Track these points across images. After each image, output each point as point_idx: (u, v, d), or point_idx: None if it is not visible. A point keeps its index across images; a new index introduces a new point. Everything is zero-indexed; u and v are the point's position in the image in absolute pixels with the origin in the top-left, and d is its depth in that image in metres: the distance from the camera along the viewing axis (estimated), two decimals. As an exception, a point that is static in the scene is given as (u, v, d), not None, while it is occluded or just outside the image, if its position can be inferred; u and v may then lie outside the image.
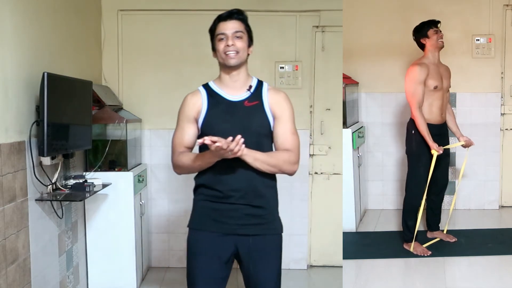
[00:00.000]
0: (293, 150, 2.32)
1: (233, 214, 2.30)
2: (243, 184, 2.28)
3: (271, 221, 2.37)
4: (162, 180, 4.47)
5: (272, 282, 2.37)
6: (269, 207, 2.37)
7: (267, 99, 2.34)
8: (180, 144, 2.35)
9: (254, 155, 2.22)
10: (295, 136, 2.35)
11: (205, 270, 2.33)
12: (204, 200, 2.35)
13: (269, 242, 2.36)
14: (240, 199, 2.28)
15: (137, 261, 3.94)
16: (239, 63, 2.30)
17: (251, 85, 2.35)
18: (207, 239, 2.33)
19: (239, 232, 2.31)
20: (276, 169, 2.30)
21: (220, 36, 2.31)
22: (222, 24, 2.33)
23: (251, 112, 2.30)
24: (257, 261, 2.33)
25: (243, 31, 2.33)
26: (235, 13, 2.33)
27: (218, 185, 2.29)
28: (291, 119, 2.35)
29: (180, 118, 2.38)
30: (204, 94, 2.36)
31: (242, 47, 2.30)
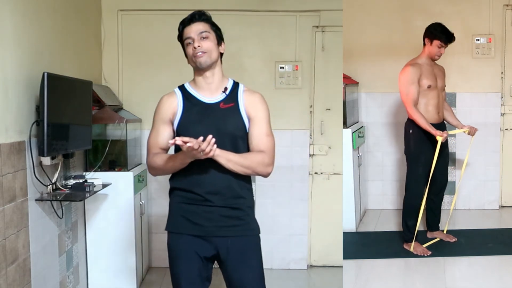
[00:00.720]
0: (267, 152, 2.30)
1: (210, 216, 2.29)
2: (220, 186, 2.27)
3: (248, 222, 2.36)
4: (162, 180, 4.46)
5: (255, 282, 2.36)
6: (246, 208, 2.35)
7: (242, 101, 2.33)
8: (154, 145, 2.35)
9: (227, 156, 2.21)
10: (269, 137, 2.33)
11: (188, 271, 2.33)
12: (180, 203, 2.34)
13: (248, 243, 2.35)
14: (218, 201, 2.28)
15: (137, 261, 3.94)
16: (210, 62, 2.30)
17: (227, 87, 2.34)
18: (186, 242, 2.32)
19: (217, 234, 2.30)
20: (249, 171, 2.29)
21: (187, 41, 2.32)
22: (186, 29, 2.33)
23: (227, 114, 2.29)
24: (237, 263, 2.32)
25: (209, 30, 2.32)
26: (196, 15, 2.33)
27: (195, 188, 2.28)
28: (265, 121, 2.34)
29: (156, 119, 2.38)
30: (179, 96, 2.36)
31: (209, 47, 2.29)
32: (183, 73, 4.39)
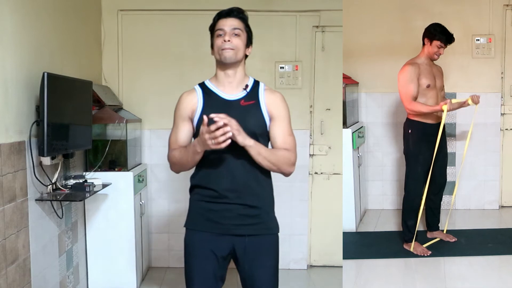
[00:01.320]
0: (293, 151, 2.32)
1: (228, 214, 2.29)
2: (239, 184, 2.27)
3: (267, 221, 2.37)
4: (162, 180, 4.47)
5: (269, 283, 2.36)
6: (264, 206, 2.36)
7: (263, 99, 2.32)
8: (174, 142, 2.36)
9: (259, 149, 2.21)
10: (292, 137, 2.35)
11: (202, 270, 2.33)
12: (199, 200, 2.35)
13: (265, 242, 2.36)
14: (236, 199, 2.28)
15: (137, 261, 3.94)
16: (235, 60, 2.29)
17: (247, 84, 2.35)
18: (203, 239, 2.33)
19: (234, 232, 2.30)
20: (275, 167, 2.29)
21: (219, 32, 2.31)
22: (221, 21, 2.32)
23: (247, 111, 2.29)
24: (253, 261, 2.33)
25: (242, 29, 2.32)
26: (235, 11, 2.33)
27: (213, 185, 2.29)
28: (288, 120, 2.35)
29: (175, 116, 2.38)
30: (199, 93, 2.35)
31: (239, 45, 2.29)
32: (183, 73, 4.44)
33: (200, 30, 4.43)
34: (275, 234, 2.40)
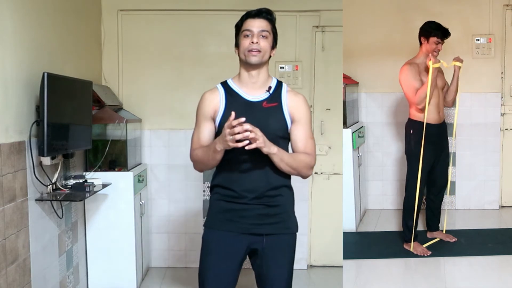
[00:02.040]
0: (312, 155, 2.34)
1: (247, 214, 2.30)
2: (258, 184, 2.29)
3: (286, 220, 2.37)
4: (162, 180, 4.47)
5: (283, 281, 2.37)
6: (284, 205, 2.37)
7: (286, 101, 2.33)
8: (196, 142, 2.36)
9: (281, 156, 2.22)
10: (312, 140, 2.36)
11: (217, 269, 2.34)
12: (219, 200, 2.36)
13: (283, 242, 2.37)
14: (255, 199, 2.29)
15: (137, 261, 3.94)
16: (260, 62, 2.29)
17: (271, 86, 2.34)
18: (220, 238, 2.34)
19: (253, 231, 2.31)
20: (295, 172, 2.31)
21: (246, 33, 2.30)
22: (249, 21, 2.31)
23: (270, 113, 2.29)
24: (270, 260, 2.34)
25: (269, 31, 2.33)
26: (264, 12, 2.32)
27: (233, 185, 2.30)
28: (309, 123, 2.36)
29: (198, 115, 2.38)
30: (222, 92, 2.35)
31: (265, 47, 2.30)
32: (183, 73, 4.44)
33: (200, 30, 4.46)
34: (293, 233, 2.41)
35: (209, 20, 4.42)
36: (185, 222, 4.49)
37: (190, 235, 4.49)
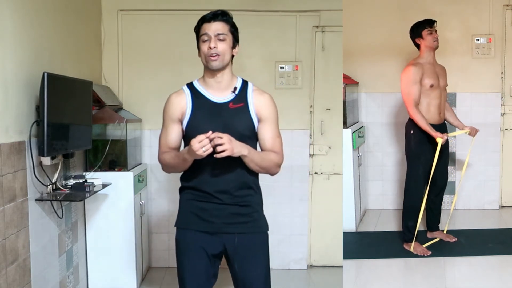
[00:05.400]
0: (280, 153, 2.38)
1: (220, 213, 2.32)
2: (229, 184, 2.31)
3: (257, 219, 2.40)
4: (162, 180, 4.47)
5: (259, 281, 2.38)
6: (255, 205, 2.39)
7: (252, 101, 2.35)
8: (164, 145, 2.40)
9: (252, 157, 2.26)
10: (279, 139, 2.39)
11: (193, 268, 2.36)
12: (191, 200, 2.37)
13: (255, 240, 2.39)
14: (227, 199, 2.31)
15: (137, 261, 3.94)
16: (221, 66, 2.30)
17: (236, 86, 2.36)
18: (194, 238, 2.36)
19: (225, 230, 2.33)
20: (264, 171, 2.35)
21: (203, 37, 2.31)
22: (205, 25, 2.32)
23: (236, 114, 2.31)
24: (244, 259, 2.35)
25: (227, 33, 2.32)
26: (219, 15, 2.32)
27: (205, 186, 2.32)
28: (276, 122, 2.39)
29: (165, 118, 2.41)
30: (188, 95, 2.37)
31: (224, 50, 2.29)
32: (183, 73, 4.43)
33: (200, 30, 4.46)
34: (265, 232, 2.43)
35: (209, 20, 4.41)
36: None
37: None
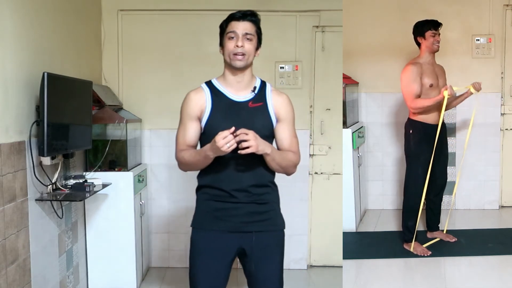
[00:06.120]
0: (297, 153, 2.40)
1: (237, 212, 2.32)
2: (246, 183, 2.31)
3: (274, 217, 2.40)
4: (162, 180, 4.47)
5: (275, 278, 2.39)
6: (272, 203, 2.40)
7: (271, 101, 2.36)
8: (182, 142, 2.37)
9: (273, 156, 2.26)
10: (296, 139, 2.41)
11: (207, 269, 2.35)
12: (208, 200, 2.37)
13: (272, 239, 2.39)
14: (244, 198, 2.31)
15: (137, 261, 3.94)
16: (245, 65, 2.31)
17: (255, 86, 2.37)
18: (210, 238, 2.34)
19: (242, 229, 2.33)
20: (282, 170, 2.36)
21: (230, 35, 2.30)
22: (234, 23, 2.31)
23: (255, 113, 2.32)
24: (260, 257, 2.35)
25: (254, 34, 2.33)
26: (249, 15, 2.33)
27: (221, 185, 2.31)
28: (293, 122, 2.41)
29: (183, 116, 2.38)
30: (207, 93, 2.36)
31: (250, 50, 2.31)
32: (183, 73, 4.44)
33: (200, 30, 4.46)
34: (281, 230, 2.43)
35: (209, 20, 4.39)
36: (185, 222, 4.48)
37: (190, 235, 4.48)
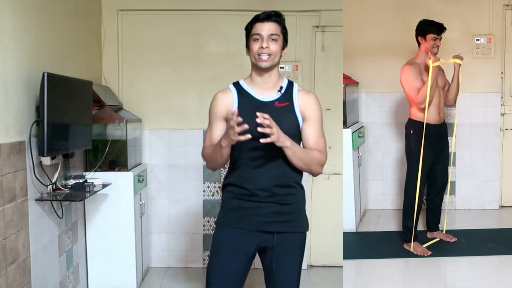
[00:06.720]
0: (324, 152, 2.40)
1: (260, 212, 2.32)
2: (271, 182, 2.31)
3: (297, 219, 2.40)
4: (162, 180, 4.47)
5: (292, 278, 2.40)
6: (297, 204, 2.40)
7: (297, 101, 2.36)
8: (208, 141, 2.40)
9: (295, 150, 2.25)
10: (323, 138, 2.41)
11: (226, 266, 2.35)
12: (232, 198, 2.38)
13: (294, 240, 2.40)
14: (268, 197, 2.31)
15: (137, 261, 3.94)
16: (271, 65, 2.32)
17: (282, 86, 2.38)
18: (231, 236, 2.35)
19: (264, 229, 2.33)
20: (306, 167, 2.34)
21: (256, 37, 2.31)
22: (259, 25, 2.33)
23: (282, 113, 2.32)
24: (280, 258, 2.36)
25: (279, 34, 2.33)
26: (273, 15, 2.34)
27: (245, 184, 2.32)
28: (320, 122, 2.40)
29: (210, 115, 2.41)
30: (234, 93, 2.38)
31: (275, 50, 2.31)
32: (183, 73, 4.44)
33: (200, 30, 4.46)
34: (304, 232, 2.44)
35: (209, 20, 4.42)
36: (185, 222, 4.49)
37: (190, 235, 4.49)
